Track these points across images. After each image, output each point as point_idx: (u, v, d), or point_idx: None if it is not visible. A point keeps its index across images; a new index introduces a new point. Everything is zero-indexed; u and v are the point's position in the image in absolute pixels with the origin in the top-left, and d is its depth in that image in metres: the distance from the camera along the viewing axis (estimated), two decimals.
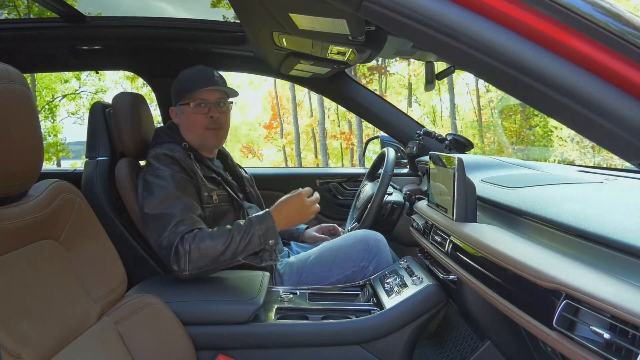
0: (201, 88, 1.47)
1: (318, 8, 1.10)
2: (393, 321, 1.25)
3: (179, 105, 1.52)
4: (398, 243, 1.87)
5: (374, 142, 2.42)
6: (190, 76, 1.51)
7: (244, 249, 1.27)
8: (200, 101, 1.48)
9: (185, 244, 1.25)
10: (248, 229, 1.28)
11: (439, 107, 18.38)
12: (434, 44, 0.61)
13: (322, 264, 1.53)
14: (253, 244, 1.28)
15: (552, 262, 0.72)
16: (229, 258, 1.27)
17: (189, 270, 1.25)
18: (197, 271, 1.26)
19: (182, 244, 1.25)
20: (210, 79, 1.50)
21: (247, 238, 1.27)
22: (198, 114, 1.48)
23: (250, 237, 1.27)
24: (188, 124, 1.51)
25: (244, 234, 1.27)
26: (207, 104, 1.49)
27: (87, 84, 14.99)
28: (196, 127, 1.49)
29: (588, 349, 0.59)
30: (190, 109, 1.49)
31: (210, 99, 1.49)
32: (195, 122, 1.49)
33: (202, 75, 1.50)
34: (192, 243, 1.25)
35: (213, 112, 1.49)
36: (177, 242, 1.25)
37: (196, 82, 1.48)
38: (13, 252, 0.86)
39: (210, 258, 1.26)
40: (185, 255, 1.24)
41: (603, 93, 0.54)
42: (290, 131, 17.55)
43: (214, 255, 1.25)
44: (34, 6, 9.74)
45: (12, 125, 0.82)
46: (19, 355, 0.77)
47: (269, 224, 1.30)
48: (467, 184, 1.05)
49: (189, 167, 1.42)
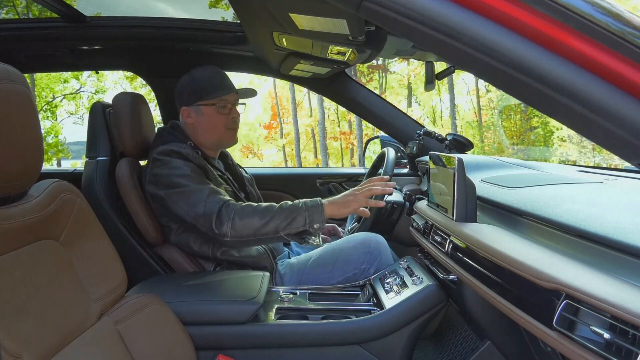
0: (228, 92, 1.52)
1: (318, 8, 1.10)
2: (393, 321, 1.25)
3: (197, 105, 1.52)
4: (398, 243, 1.87)
5: (374, 142, 2.42)
6: (210, 78, 1.53)
7: (287, 226, 1.29)
8: (225, 102, 1.53)
9: (230, 209, 1.30)
10: (295, 207, 1.31)
11: (439, 107, 18.39)
12: (434, 44, 0.61)
13: (322, 266, 1.53)
14: (297, 222, 1.29)
15: (552, 262, 0.72)
16: (271, 232, 1.30)
17: (231, 237, 1.29)
18: (238, 239, 1.30)
19: (227, 209, 1.30)
20: (230, 82, 1.57)
21: (292, 216, 1.29)
22: (222, 115, 1.52)
23: (295, 216, 1.29)
24: (208, 124, 1.53)
25: (291, 212, 1.30)
26: (229, 105, 1.54)
27: (87, 84, 15.01)
28: (217, 127, 1.53)
29: (588, 349, 0.59)
30: (216, 109, 1.52)
31: (231, 100, 1.55)
32: (217, 122, 1.52)
33: (223, 78, 1.55)
34: (238, 210, 1.30)
35: (234, 113, 1.55)
36: (222, 206, 1.30)
37: (219, 85, 1.52)
38: (13, 252, 0.86)
39: (252, 229, 1.29)
40: (229, 222, 1.29)
41: (603, 93, 0.54)
42: (289, 131, 17.56)
43: (256, 226, 1.29)
44: (32, 6, 9.73)
45: (12, 125, 0.82)
46: (19, 355, 0.77)
47: (318, 207, 1.31)
48: (467, 184, 1.05)
49: (198, 162, 1.44)
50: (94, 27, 1.81)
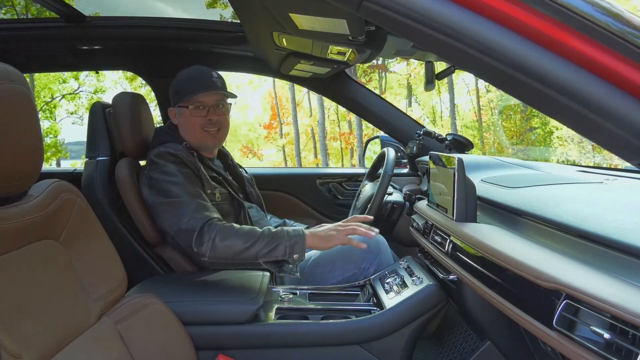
0: (199, 92, 1.47)
1: (318, 8, 1.10)
2: (393, 321, 1.25)
3: (178, 107, 1.52)
4: (398, 243, 1.87)
5: (374, 142, 2.42)
6: (189, 78, 1.50)
7: (267, 254, 1.28)
8: (198, 104, 1.48)
9: (213, 229, 1.28)
10: (277, 236, 1.29)
11: (439, 107, 18.39)
12: (434, 44, 0.60)
13: (322, 266, 1.53)
14: (278, 251, 1.28)
15: (552, 262, 0.72)
16: (250, 257, 1.28)
17: (209, 257, 1.28)
18: (215, 260, 1.28)
19: (209, 229, 1.28)
20: (209, 81, 1.49)
21: (273, 244, 1.28)
22: (196, 117, 1.48)
23: (277, 244, 1.28)
24: (186, 126, 1.51)
25: (272, 239, 1.28)
26: (206, 106, 1.49)
27: (86, 84, 15.01)
28: (194, 128, 1.50)
29: (588, 349, 0.59)
30: (189, 111, 1.48)
31: (208, 102, 1.49)
32: (193, 124, 1.49)
33: (200, 78, 1.49)
34: (220, 231, 1.27)
35: (211, 115, 1.50)
36: (204, 225, 1.28)
37: (195, 86, 1.48)
38: (13, 252, 0.86)
39: (232, 252, 1.27)
40: (209, 242, 1.27)
41: (603, 93, 0.54)
42: (289, 131, 17.55)
43: (236, 250, 1.27)
44: (31, 6, 9.72)
45: (12, 125, 0.82)
46: (19, 355, 0.77)
47: (300, 238, 1.29)
48: (467, 184, 1.05)
49: (193, 164, 1.43)
50: (94, 27, 1.82)
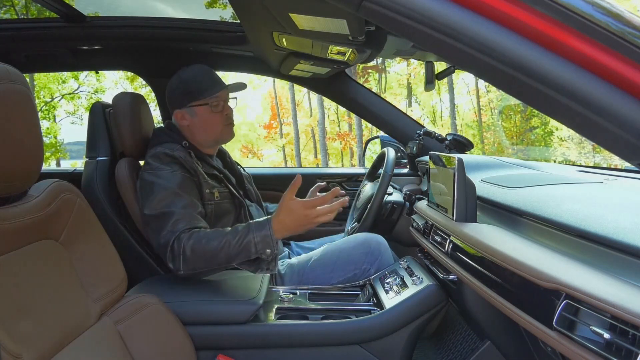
0: (219, 89, 1.51)
1: (318, 8, 1.10)
2: (393, 321, 1.26)
3: (190, 107, 1.51)
4: (398, 243, 1.87)
5: (374, 142, 2.42)
6: (199, 77, 1.51)
7: (238, 255, 1.23)
8: (217, 100, 1.52)
9: (181, 243, 1.24)
10: (244, 235, 1.23)
11: (439, 107, 18.39)
12: (434, 44, 0.60)
13: (323, 266, 1.53)
14: (248, 251, 1.22)
15: (552, 262, 0.72)
16: (223, 262, 1.23)
17: (184, 270, 1.24)
18: (191, 271, 1.25)
19: (177, 242, 1.24)
20: (218, 78, 1.55)
21: (242, 244, 1.22)
22: (217, 113, 1.51)
23: (245, 243, 1.22)
24: (205, 124, 1.51)
25: (239, 239, 1.22)
26: (221, 102, 1.53)
27: (85, 84, 15.00)
28: (214, 125, 1.52)
29: (588, 349, 0.59)
30: (209, 108, 1.51)
31: (223, 97, 1.54)
32: (213, 121, 1.51)
33: (210, 75, 1.54)
34: (187, 243, 1.23)
35: (227, 110, 1.55)
36: (174, 240, 1.25)
37: (210, 83, 1.51)
38: (13, 252, 0.86)
39: (203, 260, 1.24)
40: (179, 255, 1.23)
41: (603, 93, 0.54)
42: (289, 131, 17.55)
43: (207, 257, 1.23)
44: (31, 6, 9.72)
45: (12, 125, 0.82)
46: (19, 355, 0.77)
47: (267, 232, 1.22)
48: (467, 184, 1.05)
49: (190, 165, 1.42)
50: (94, 27, 1.82)
